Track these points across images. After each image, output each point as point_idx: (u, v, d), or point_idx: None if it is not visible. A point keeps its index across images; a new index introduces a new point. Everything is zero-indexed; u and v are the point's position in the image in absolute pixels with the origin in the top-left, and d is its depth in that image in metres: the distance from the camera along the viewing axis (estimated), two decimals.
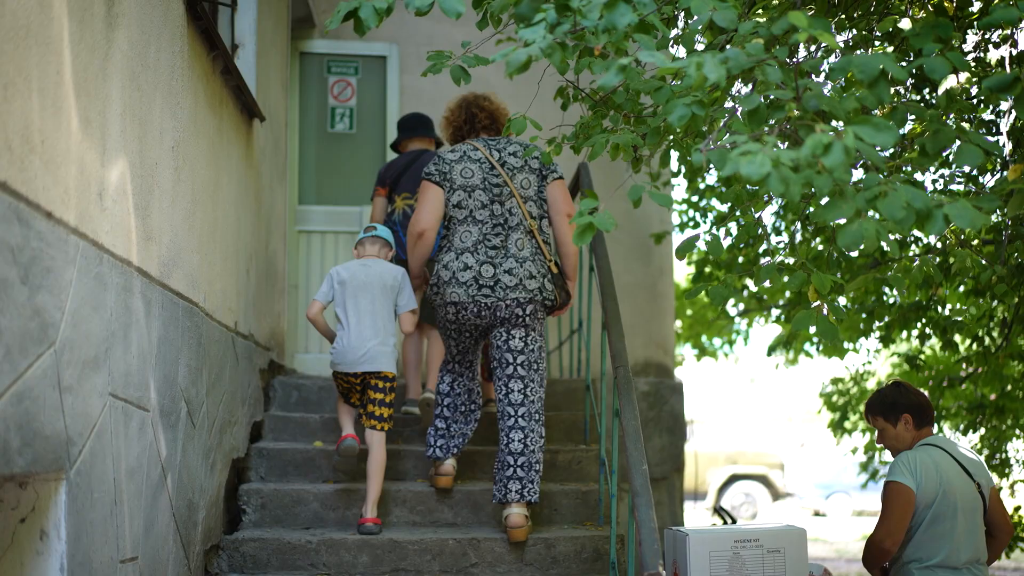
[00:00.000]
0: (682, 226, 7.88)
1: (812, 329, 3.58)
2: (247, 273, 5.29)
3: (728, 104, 4.06)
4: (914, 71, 4.30)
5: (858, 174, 4.21)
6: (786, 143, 3.41)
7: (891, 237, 5.15)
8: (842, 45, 4.78)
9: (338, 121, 7.42)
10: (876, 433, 4.42)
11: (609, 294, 4.76)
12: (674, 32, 4.35)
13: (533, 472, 4.64)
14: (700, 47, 4.28)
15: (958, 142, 2.93)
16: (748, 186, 4.28)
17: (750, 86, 3.63)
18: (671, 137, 4.31)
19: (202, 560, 4.45)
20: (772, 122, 2.93)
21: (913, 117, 3.57)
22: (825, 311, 3.57)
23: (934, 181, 5.84)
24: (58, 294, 2.80)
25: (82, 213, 2.99)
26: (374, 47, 7.52)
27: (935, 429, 9.12)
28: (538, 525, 4.99)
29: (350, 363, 4.88)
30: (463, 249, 4.69)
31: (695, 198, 8.45)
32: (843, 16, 4.50)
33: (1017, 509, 8.68)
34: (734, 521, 4.60)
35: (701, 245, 4.96)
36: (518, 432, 4.64)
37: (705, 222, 7.75)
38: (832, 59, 4.62)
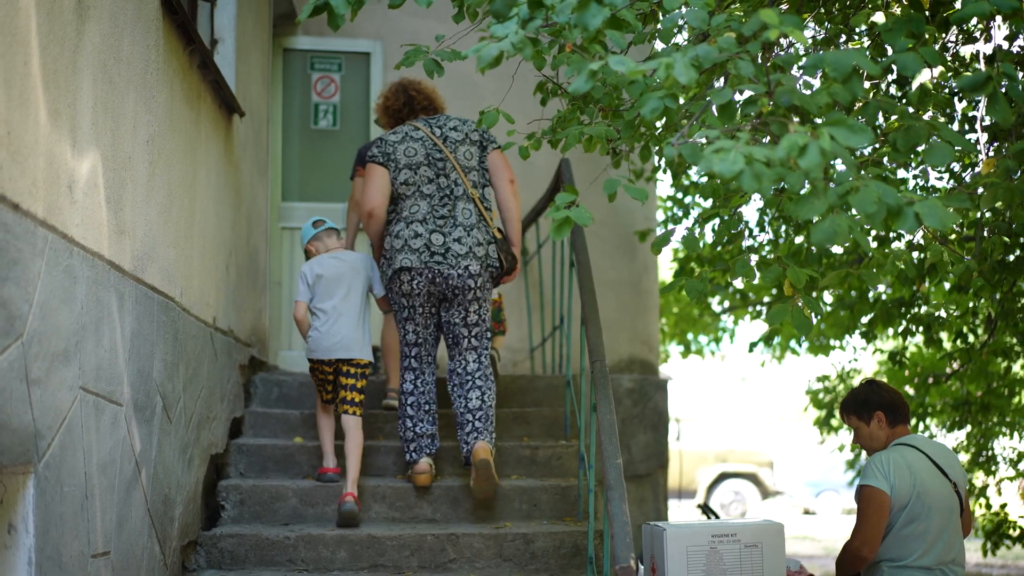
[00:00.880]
0: (665, 222, 7.90)
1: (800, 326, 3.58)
2: (226, 269, 5.27)
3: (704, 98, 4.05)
4: (892, 66, 4.30)
5: (840, 168, 4.20)
6: (767, 138, 3.41)
7: (870, 234, 5.14)
8: (819, 39, 4.78)
9: (321, 118, 7.41)
10: (852, 433, 4.40)
11: (587, 289, 4.76)
12: (651, 27, 4.34)
13: (490, 423, 4.94)
14: (682, 40, 4.27)
15: (933, 139, 2.93)
16: (723, 182, 4.28)
17: (723, 80, 3.63)
18: (646, 131, 4.31)
19: (179, 556, 4.44)
20: (749, 115, 2.93)
21: (893, 114, 3.56)
22: (801, 305, 3.57)
23: (915, 176, 5.83)
24: (25, 286, 2.79)
25: (51, 205, 2.98)
26: (358, 43, 7.51)
27: (920, 427, 9.20)
28: (517, 520, 4.99)
29: (325, 350, 5.00)
30: (413, 219, 4.90)
31: (679, 194, 8.44)
32: (822, 11, 4.50)
33: (1003, 506, 8.69)
34: (718, 518, 4.62)
35: (677, 240, 4.96)
36: (475, 391, 4.94)
37: (688, 218, 7.75)
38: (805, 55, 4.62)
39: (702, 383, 27.12)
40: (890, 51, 4.25)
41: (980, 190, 3.72)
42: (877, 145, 4.31)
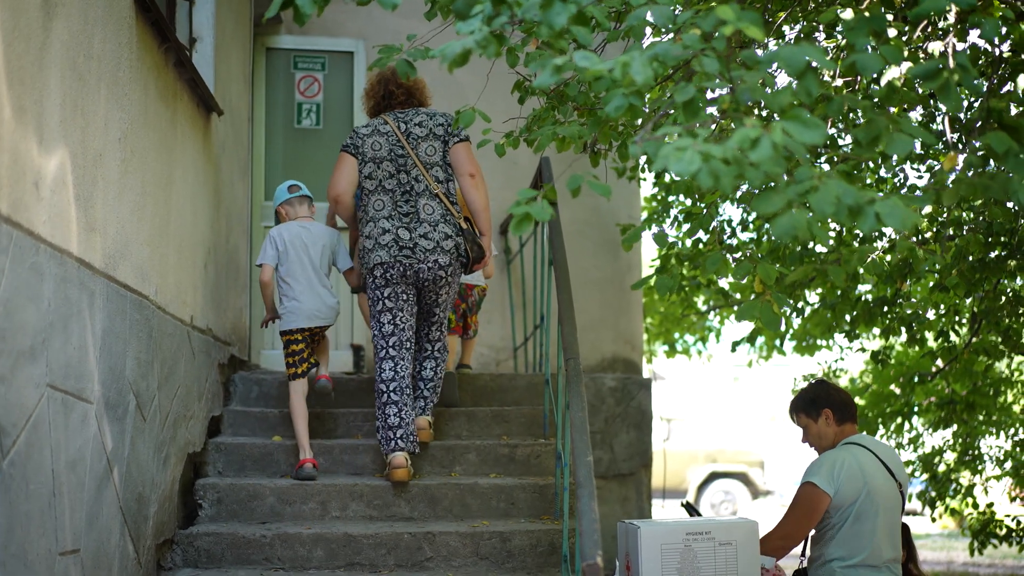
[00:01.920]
0: (647, 221, 7.89)
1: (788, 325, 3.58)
2: (204, 267, 5.26)
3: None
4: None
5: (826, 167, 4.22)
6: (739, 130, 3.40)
7: (855, 232, 5.12)
8: (798, 37, 4.79)
9: (305, 117, 7.40)
10: (801, 432, 4.43)
11: (564, 287, 4.76)
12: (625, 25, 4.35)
13: (435, 394, 5.29)
14: (665, 36, 4.27)
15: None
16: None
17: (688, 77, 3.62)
18: (623, 129, 4.31)
19: (154, 554, 4.43)
20: (709, 112, 2.93)
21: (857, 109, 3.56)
22: (770, 301, 3.57)
23: (895, 175, 5.85)
24: None
25: (16, 202, 2.97)
26: (341, 43, 7.50)
27: (906, 426, 9.20)
28: (495, 519, 4.99)
29: (308, 316, 5.18)
30: (379, 216, 5.03)
31: (663, 193, 8.41)
32: (797, 8, 4.50)
33: (990, 505, 8.71)
34: (700, 516, 4.62)
35: (650, 237, 4.96)
36: (431, 361, 5.27)
37: (669, 216, 7.74)
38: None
39: (692, 383, 27.10)
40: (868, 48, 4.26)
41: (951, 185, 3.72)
42: (858, 144, 4.31)
